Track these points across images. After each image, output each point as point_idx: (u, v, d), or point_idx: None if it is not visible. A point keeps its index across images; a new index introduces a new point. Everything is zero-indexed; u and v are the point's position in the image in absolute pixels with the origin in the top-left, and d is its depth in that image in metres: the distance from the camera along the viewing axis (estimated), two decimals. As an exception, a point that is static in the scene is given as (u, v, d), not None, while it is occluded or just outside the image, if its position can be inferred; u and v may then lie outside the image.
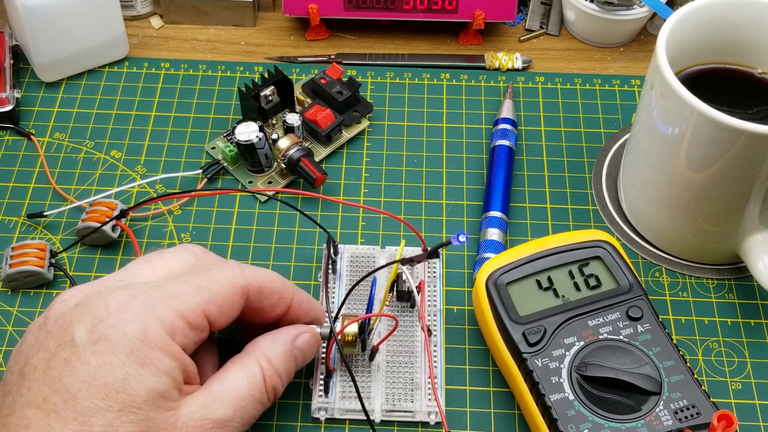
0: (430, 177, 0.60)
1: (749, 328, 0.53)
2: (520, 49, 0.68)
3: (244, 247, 0.56)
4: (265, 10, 0.71)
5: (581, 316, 0.48)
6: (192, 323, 0.41)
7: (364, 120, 0.62)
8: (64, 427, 0.37)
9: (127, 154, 0.61)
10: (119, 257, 0.56)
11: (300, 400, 0.50)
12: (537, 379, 0.46)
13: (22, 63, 0.66)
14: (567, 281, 0.49)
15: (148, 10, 0.69)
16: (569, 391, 0.46)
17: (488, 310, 0.49)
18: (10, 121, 0.62)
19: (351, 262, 0.54)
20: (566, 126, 0.63)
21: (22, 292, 0.54)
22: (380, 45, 0.68)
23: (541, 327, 0.47)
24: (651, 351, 0.47)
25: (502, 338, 0.48)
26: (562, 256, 0.50)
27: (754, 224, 0.52)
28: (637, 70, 0.67)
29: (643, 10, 0.65)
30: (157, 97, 0.64)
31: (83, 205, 0.56)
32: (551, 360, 0.46)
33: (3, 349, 0.52)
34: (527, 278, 0.49)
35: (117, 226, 0.55)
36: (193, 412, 0.40)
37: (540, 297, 0.49)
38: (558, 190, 0.59)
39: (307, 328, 0.46)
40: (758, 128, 0.45)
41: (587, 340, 0.47)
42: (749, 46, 0.54)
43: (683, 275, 0.55)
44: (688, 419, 0.44)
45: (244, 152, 0.58)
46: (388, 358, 0.50)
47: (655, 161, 0.52)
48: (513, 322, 0.48)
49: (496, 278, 0.49)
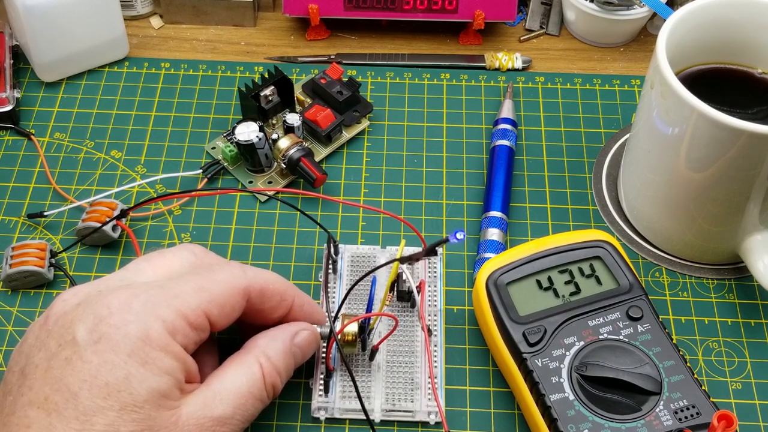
0: (430, 177, 0.60)
1: (749, 328, 0.53)
2: (520, 49, 0.68)
3: (244, 247, 0.56)
4: (265, 10, 0.71)
5: (581, 316, 0.48)
6: (193, 323, 0.41)
7: (364, 120, 0.62)
8: (65, 427, 0.37)
9: (127, 154, 0.61)
10: (119, 257, 0.56)
11: (300, 399, 0.50)
12: (537, 379, 0.46)
13: (22, 63, 0.66)
14: (567, 281, 0.49)
15: (148, 10, 0.69)
16: (569, 391, 0.46)
17: (488, 310, 0.49)
18: (10, 121, 0.62)
19: (352, 262, 0.54)
20: (566, 126, 0.63)
21: (22, 292, 0.54)
22: (380, 45, 0.68)
23: (541, 327, 0.47)
24: (651, 351, 0.47)
25: (502, 338, 0.48)
26: (562, 256, 0.50)
27: (754, 224, 0.52)
28: (637, 70, 0.67)
29: (643, 10, 0.65)
30: (157, 97, 0.64)
31: (83, 205, 0.56)
32: (551, 360, 0.46)
33: (3, 349, 0.52)
34: (527, 278, 0.49)
35: (117, 226, 0.55)
36: (194, 411, 0.40)
37: (540, 297, 0.49)
38: (558, 190, 0.59)
39: (306, 326, 0.46)
40: (758, 128, 0.45)
41: (587, 340, 0.47)
42: (749, 46, 0.54)
43: (683, 275, 0.55)
44: (688, 419, 0.44)
45: (244, 152, 0.58)
46: (388, 357, 0.50)
47: (655, 161, 0.52)
48: (513, 322, 0.48)
49: (496, 278, 0.49)
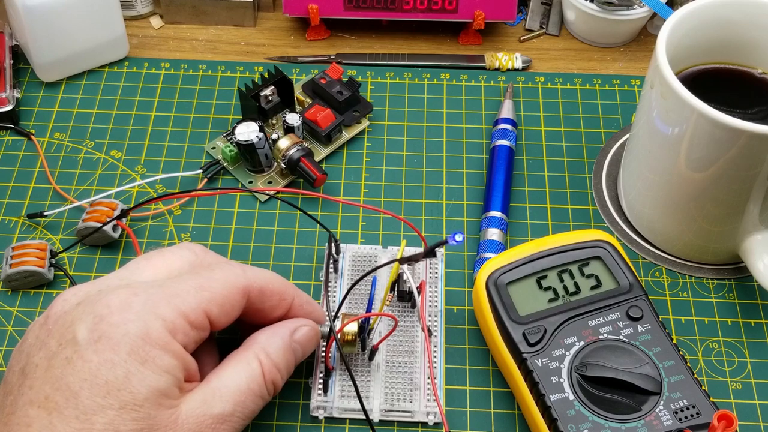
0: (430, 177, 0.60)
1: (749, 328, 0.53)
2: (520, 49, 0.68)
3: (244, 247, 0.56)
4: (265, 10, 0.71)
5: (581, 316, 0.48)
6: (193, 322, 0.41)
7: (364, 120, 0.62)
8: (65, 426, 0.37)
9: (127, 154, 0.61)
10: (119, 257, 0.56)
11: (300, 399, 0.50)
12: (537, 379, 0.46)
13: (22, 63, 0.66)
14: (567, 281, 0.49)
15: (148, 10, 0.69)
16: (569, 391, 0.46)
17: (488, 310, 0.49)
18: (10, 121, 0.62)
19: (353, 262, 0.54)
20: (566, 126, 0.63)
21: (22, 292, 0.54)
22: (380, 45, 0.68)
23: (541, 327, 0.47)
24: (651, 351, 0.47)
25: (502, 338, 0.48)
26: (563, 256, 0.50)
27: (754, 224, 0.52)
28: (637, 70, 0.67)
29: (643, 10, 0.65)
30: (157, 97, 0.64)
31: (83, 206, 0.56)
32: (551, 360, 0.46)
33: (3, 349, 0.52)
34: (527, 278, 0.49)
35: (118, 226, 0.55)
36: (193, 409, 0.40)
37: (540, 297, 0.49)
38: (558, 190, 0.59)
39: (306, 322, 0.46)
40: (758, 128, 0.45)
41: (587, 340, 0.47)
42: (749, 46, 0.54)
43: (683, 275, 0.55)
44: (688, 419, 0.44)
45: (244, 152, 0.58)
46: (387, 357, 0.50)
47: (655, 161, 0.52)
48: (513, 322, 0.48)
49: (496, 278, 0.49)
